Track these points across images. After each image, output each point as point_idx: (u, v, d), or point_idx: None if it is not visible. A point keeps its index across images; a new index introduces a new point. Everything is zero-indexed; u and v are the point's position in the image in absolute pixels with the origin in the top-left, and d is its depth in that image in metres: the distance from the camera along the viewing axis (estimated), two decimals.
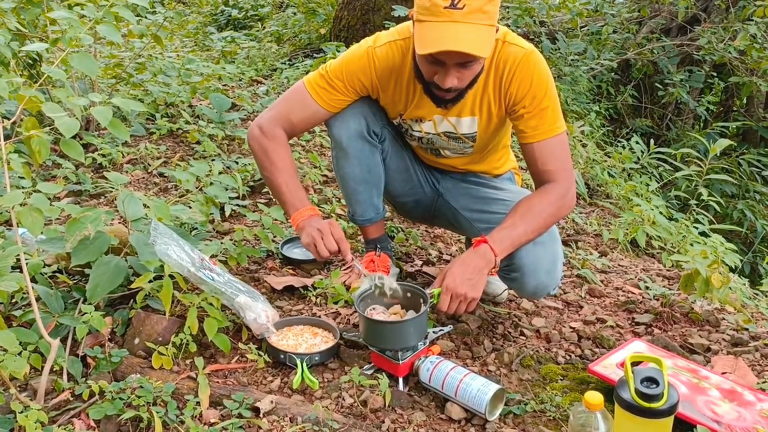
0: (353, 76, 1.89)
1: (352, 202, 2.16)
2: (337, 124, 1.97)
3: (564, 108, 4.88)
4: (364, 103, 1.96)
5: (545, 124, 1.82)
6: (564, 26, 6.19)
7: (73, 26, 1.97)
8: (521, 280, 1.88)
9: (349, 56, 1.91)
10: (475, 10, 1.58)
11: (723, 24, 5.80)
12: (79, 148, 1.61)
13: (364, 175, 2.06)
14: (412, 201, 2.23)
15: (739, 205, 5.25)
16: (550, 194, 1.82)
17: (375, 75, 1.89)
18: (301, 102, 1.93)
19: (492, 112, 1.90)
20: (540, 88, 1.81)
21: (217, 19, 7.55)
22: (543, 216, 1.79)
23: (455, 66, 1.66)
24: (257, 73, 5.16)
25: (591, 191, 3.87)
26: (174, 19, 3.99)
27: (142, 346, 1.74)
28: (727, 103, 6.53)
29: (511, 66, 1.79)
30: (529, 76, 1.80)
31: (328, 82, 1.90)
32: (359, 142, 1.99)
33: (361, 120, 1.96)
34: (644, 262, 3.05)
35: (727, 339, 2.08)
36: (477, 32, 1.60)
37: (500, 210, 1.94)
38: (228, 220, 2.69)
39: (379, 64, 1.88)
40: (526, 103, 1.81)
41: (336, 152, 2.05)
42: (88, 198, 2.83)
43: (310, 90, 1.91)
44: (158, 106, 3.80)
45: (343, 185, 2.13)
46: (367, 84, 1.91)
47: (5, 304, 1.79)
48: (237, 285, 1.86)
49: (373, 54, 1.87)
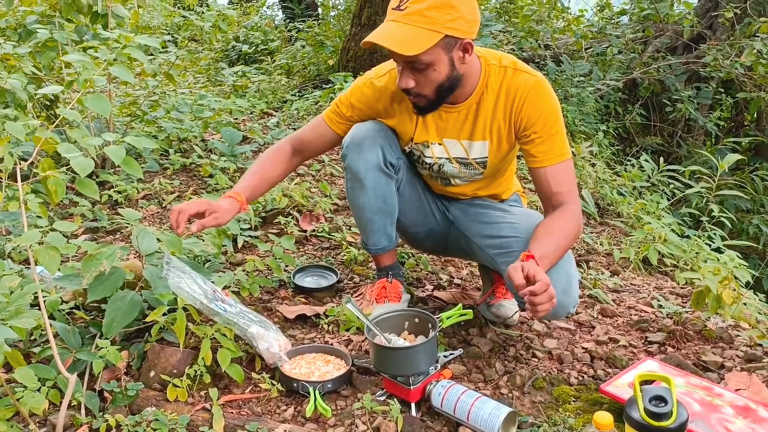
0: (358, 105, 2.04)
1: (366, 231, 2.17)
2: (354, 155, 1.99)
3: (572, 129, 4.91)
4: (379, 134, 2.00)
5: (555, 149, 1.88)
6: (569, 48, 6.25)
7: (87, 68, 2.04)
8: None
9: (353, 87, 2.07)
10: (414, 12, 1.70)
11: (729, 41, 5.83)
12: (94, 186, 1.67)
13: (380, 205, 2.07)
14: (425, 231, 2.24)
15: (755, 220, 5.22)
16: (568, 215, 1.86)
17: (378, 103, 2.02)
18: (316, 125, 2.14)
19: (502, 136, 1.95)
20: (551, 115, 1.87)
21: (228, 55, 7.70)
22: (566, 236, 1.83)
23: (405, 66, 1.78)
24: (268, 106, 5.25)
25: (601, 211, 3.87)
26: (186, 57, 4.08)
27: (157, 378, 1.77)
28: (737, 119, 6.52)
29: (523, 92, 1.86)
30: (540, 103, 1.86)
31: (338, 112, 2.08)
32: (376, 174, 2.01)
33: (378, 152, 1.99)
34: (657, 280, 3.04)
35: (741, 355, 2.07)
36: (408, 32, 1.70)
37: (511, 234, 1.97)
38: (240, 251, 2.73)
39: (381, 93, 2.00)
40: (538, 129, 1.86)
41: (351, 183, 2.07)
42: (105, 234, 2.88)
43: (324, 117, 2.12)
44: (171, 142, 3.88)
45: (358, 215, 2.14)
46: (371, 113, 2.05)
47: (24, 342, 1.83)
48: (249, 315, 1.89)
49: (374, 83, 2.01)
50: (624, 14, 7.01)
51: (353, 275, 2.61)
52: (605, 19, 7.04)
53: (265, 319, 1.94)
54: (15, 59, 2.78)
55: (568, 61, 5.60)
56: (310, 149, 2.16)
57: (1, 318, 1.35)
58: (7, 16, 3.30)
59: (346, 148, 2.00)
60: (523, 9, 6.75)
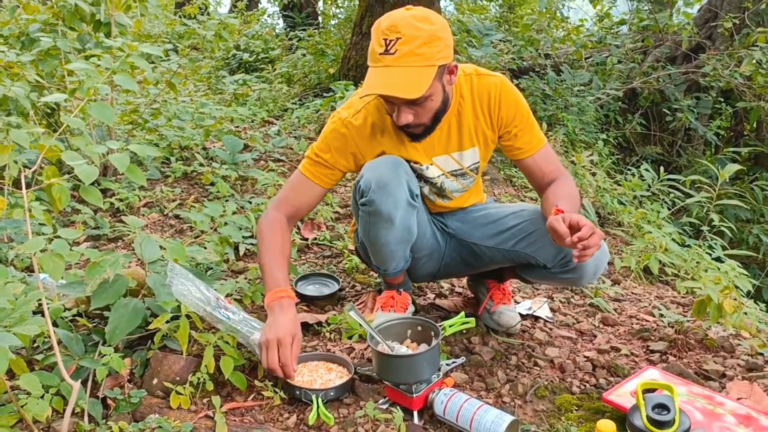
0: (337, 150, 1.98)
1: (386, 260, 2.07)
2: (382, 198, 1.86)
3: (572, 138, 4.92)
4: (400, 167, 1.91)
5: (535, 137, 2.02)
6: (569, 58, 6.28)
7: (90, 77, 2.05)
8: (581, 265, 1.90)
9: (328, 132, 1.99)
10: (406, 54, 1.70)
11: (728, 51, 5.86)
12: (98, 194, 1.67)
13: (404, 236, 1.99)
14: (426, 255, 2.20)
15: (755, 229, 5.23)
16: (565, 180, 2.00)
17: (361, 140, 1.97)
18: (299, 185, 2.03)
19: (487, 138, 2.03)
20: (523, 107, 1.99)
21: (229, 63, 7.73)
22: (575, 196, 1.95)
23: (404, 104, 1.78)
24: (269, 114, 5.27)
25: (602, 220, 3.88)
26: (188, 66, 4.09)
27: (160, 386, 1.77)
28: (737, 128, 6.54)
29: (495, 94, 1.95)
30: (512, 99, 1.97)
31: (317, 161, 1.99)
32: (405, 210, 1.91)
33: (405, 187, 1.90)
34: (658, 290, 3.05)
35: (742, 364, 2.07)
36: (407, 74, 1.71)
37: (519, 221, 2.04)
38: (242, 259, 2.74)
39: (361, 131, 1.97)
40: (517, 122, 1.99)
41: (376, 223, 1.93)
42: (107, 242, 2.89)
43: (305, 173, 2.01)
44: (173, 150, 3.89)
45: (379, 250, 2.02)
46: (354, 150, 1.99)
47: (27, 349, 1.83)
48: (252, 323, 1.89)
49: (349, 125, 1.97)
50: (623, 24, 7.05)
51: (355, 283, 2.61)
52: (605, 29, 7.08)
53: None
54: (18, 67, 2.79)
55: (568, 71, 5.62)
56: (303, 211, 2.08)
57: (6, 325, 1.35)
58: (9, 24, 3.31)
59: (372, 192, 1.86)
60: (523, 18, 6.79)
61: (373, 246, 2.02)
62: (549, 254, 1.96)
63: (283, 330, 1.76)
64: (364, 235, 2.01)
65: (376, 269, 2.18)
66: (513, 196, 3.95)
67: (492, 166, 4.31)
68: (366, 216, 1.93)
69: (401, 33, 1.69)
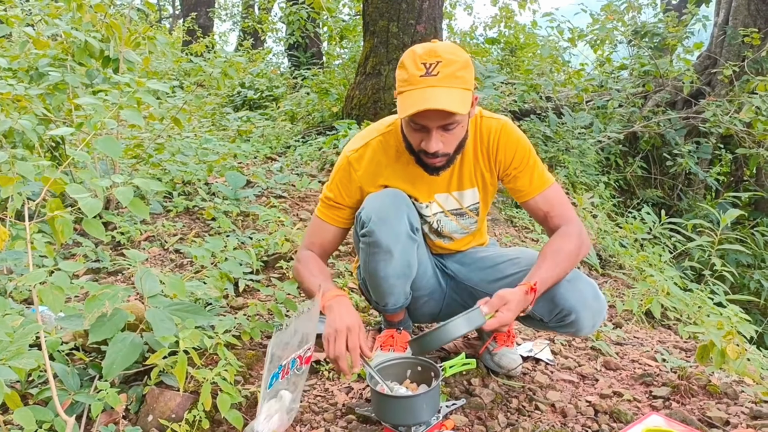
0: (344, 187, 2.03)
1: (385, 295, 2.05)
2: (382, 230, 1.88)
3: (573, 179, 4.95)
4: (400, 200, 1.94)
5: (538, 178, 2.01)
6: (570, 101, 6.35)
7: (98, 111, 2.07)
8: (578, 318, 1.93)
9: (338, 172, 2.05)
10: (448, 75, 1.73)
11: (728, 97, 5.93)
12: (101, 227, 1.67)
13: (404, 270, 1.98)
14: (427, 295, 2.19)
15: (756, 275, 5.22)
16: (570, 235, 1.96)
17: (358, 177, 2.01)
18: (318, 228, 2.10)
19: (486, 180, 2.05)
20: (524, 149, 1.99)
21: (234, 100, 7.82)
22: (568, 254, 1.91)
23: (437, 129, 1.78)
24: (272, 151, 5.31)
25: (603, 262, 3.87)
26: (193, 102, 4.15)
27: (155, 423, 1.74)
28: (736, 174, 6.59)
29: (495, 136, 1.98)
30: (511, 141, 1.98)
31: (329, 204, 2.06)
32: (404, 243, 1.92)
33: (405, 220, 1.92)
34: (660, 334, 3.02)
35: (746, 412, 2.04)
36: (452, 94, 1.73)
37: (515, 270, 2.04)
38: (242, 295, 2.72)
39: (367, 165, 2.01)
40: (516, 164, 1.99)
41: (376, 255, 1.93)
42: (106, 275, 2.88)
43: (321, 216, 2.09)
44: (176, 185, 3.91)
45: (378, 284, 2.00)
46: (358, 185, 2.02)
47: (22, 382, 1.81)
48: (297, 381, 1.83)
49: (353, 160, 2.02)
50: (624, 69, 7.16)
51: None
52: (606, 74, 7.18)
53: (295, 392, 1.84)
54: (26, 100, 2.82)
55: (569, 113, 5.68)
56: (330, 249, 2.14)
57: (2, 358, 1.34)
58: (19, 58, 3.36)
59: (371, 224, 1.88)
60: (525, 63, 6.90)
61: (373, 279, 2.01)
62: (545, 309, 1.96)
63: (349, 319, 1.81)
64: (364, 268, 2.01)
65: (376, 306, 2.17)
66: (514, 237, 3.95)
67: (493, 207, 4.32)
68: (366, 248, 1.94)
69: (441, 57, 1.73)
